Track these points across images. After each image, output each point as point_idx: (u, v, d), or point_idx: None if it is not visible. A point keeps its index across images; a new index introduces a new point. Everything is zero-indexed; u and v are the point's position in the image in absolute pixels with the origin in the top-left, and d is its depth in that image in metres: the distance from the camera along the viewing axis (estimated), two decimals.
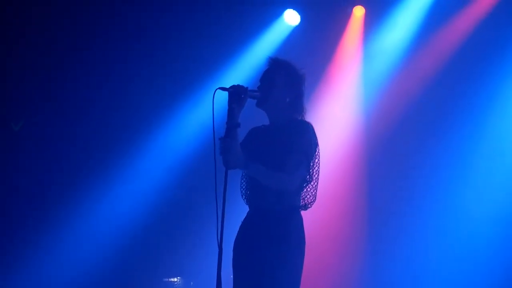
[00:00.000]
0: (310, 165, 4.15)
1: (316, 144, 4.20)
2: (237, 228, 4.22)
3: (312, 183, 4.19)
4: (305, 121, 4.26)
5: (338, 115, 7.52)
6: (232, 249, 4.19)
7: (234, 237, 4.20)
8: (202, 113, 7.39)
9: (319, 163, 4.21)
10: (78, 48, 7.37)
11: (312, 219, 6.97)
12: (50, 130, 7.37)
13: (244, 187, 4.30)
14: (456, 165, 7.19)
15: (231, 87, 4.05)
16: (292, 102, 4.27)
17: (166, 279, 7.24)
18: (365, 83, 7.59)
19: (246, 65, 7.48)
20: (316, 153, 4.19)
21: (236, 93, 4.04)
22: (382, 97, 7.46)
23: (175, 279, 7.20)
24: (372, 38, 7.61)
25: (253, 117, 4.32)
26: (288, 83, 4.27)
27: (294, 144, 4.12)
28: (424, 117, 7.35)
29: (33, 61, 7.25)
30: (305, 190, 4.18)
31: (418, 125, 7.37)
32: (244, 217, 4.24)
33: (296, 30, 7.66)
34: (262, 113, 4.32)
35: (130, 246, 7.36)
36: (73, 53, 7.37)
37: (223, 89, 4.03)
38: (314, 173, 4.19)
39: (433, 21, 7.32)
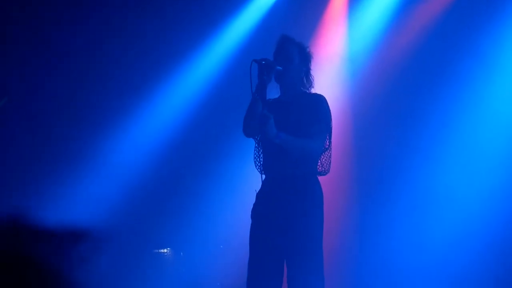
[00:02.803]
0: (329, 134, 4.56)
1: (331, 116, 4.61)
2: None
3: (328, 151, 4.59)
4: (320, 94, 4.66)
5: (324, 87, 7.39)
6: (250, 216, 4.57)
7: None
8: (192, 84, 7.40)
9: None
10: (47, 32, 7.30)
11: None
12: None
13: (259, 156, 4.67)
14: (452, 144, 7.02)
15: (262, 59, 4.44)
16: (305, 76, 4.66)
17: (156, 251, 7.35)
18: (351, 54, 7.44)
19: (230, 39, 7.40)
20: (331, 123, 4.60)
21: (267, 66, 4.43)
22: (369, 68, 7.32)
23: (165, 250, 7.32)
24: (358, 6, 7.43)
25: None
26: (302, 59, 4.63)
27: (317, 114, 4.53)
28: (415, 82, 7.21)
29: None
30: (322, 157, 4.58)
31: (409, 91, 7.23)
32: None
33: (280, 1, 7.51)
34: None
35: (119, 218, 7.40)
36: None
37: (256, 61, 4.43)
38: (331, 142, 4.60)
39: None
